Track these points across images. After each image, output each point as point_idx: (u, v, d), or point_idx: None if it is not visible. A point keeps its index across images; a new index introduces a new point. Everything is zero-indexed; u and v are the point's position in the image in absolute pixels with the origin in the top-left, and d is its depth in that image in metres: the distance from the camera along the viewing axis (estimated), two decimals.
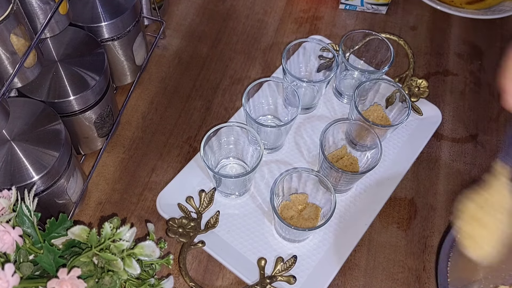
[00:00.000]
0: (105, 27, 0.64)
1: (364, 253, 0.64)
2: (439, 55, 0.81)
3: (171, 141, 0.71)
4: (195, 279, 0.61)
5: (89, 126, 0.64)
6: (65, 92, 0.58)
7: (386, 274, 0.62)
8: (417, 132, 0.72)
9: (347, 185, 0.65)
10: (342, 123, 0.66)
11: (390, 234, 0.65)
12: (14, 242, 0.44)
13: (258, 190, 0.67)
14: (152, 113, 0.73)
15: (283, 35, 0.83)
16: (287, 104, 0.69)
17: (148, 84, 0.76)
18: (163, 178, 0.68)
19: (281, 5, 0.86)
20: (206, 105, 0.75)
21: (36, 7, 0.51)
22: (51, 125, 0.55)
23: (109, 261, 0.44)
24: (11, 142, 0.53)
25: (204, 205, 0.64)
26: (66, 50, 0.61)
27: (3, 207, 0.46)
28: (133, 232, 0.45)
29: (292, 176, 0.62)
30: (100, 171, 0.68)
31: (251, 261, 0.61)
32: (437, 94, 0.77)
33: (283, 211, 0.62)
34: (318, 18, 0.85)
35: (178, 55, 0.79)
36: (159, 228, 0.64)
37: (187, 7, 0.85)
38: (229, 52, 0.80)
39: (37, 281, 0.44)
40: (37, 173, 0.52)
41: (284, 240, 0.63)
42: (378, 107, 0.71)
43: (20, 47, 0.48)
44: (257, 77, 0.77)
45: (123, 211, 0.65)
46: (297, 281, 0.59)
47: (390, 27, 0.84)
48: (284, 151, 0.70)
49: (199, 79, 0.77)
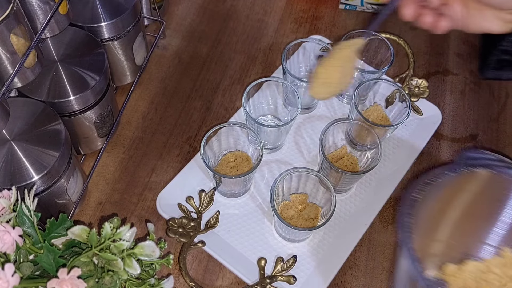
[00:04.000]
0: (105, 27, 0.64)
1: (364, 253, 0.64)
2: (439, 55, 0.81)
3: (171, 141, 0.71)
4: (195, 279, 0.61)
5: (89, 126, 0.64)
6: (65, 92, 0.58)
7: (386, 274, 0.62)
8: (417, 132, 0.72)
9: (347, 185, 0.65)
10: (342, 123, 0.66)
11: (390, 234, 0.65)
12: (14, 242, 0.44)
13: (258, 190, 0.67)
14: (152, 113, 0.73)
15: (283, 35, 0.83)
16: (287, 104, 0.69)
17: (148, 84, 0.76)
18: (163, 178, 0.68)
19: (281, 5, 0.86)
20: (206, 105, 0.75)
21: (36, 7, 0.51)
22: (51, 125, 0.55)
23: (109, 261, 0.44)
24: (11, 142, 0.53)
25: (204, 205, 0.64)
26: (66, 50, 0.61)
27: (3, 207, 0.46)
28: (133, 232, 0.45)
29: (292, 176, 0.62)
30: (100, 171, 0.68)
31: (251, 261, 0.61)
32: (437, 94, 0.77)
33: (283, 211, 0.62)
34: (318, 18, 0.85)
35: (178, 55, 0.79)
36: (159, 228, 0.64)
37: (187, 7, 0.85)
38: (229, 52, 0.80)
39: (37, 281, 0.44)
40: (37, 173, 0.52)
41: (284, 240, 0.63)
42: (378, 107, 0.71)
43: (20, 47, 0.48)
44: (257, 77, 0.77)
45: (123, 211, 0.65)
46: (297, 281, 0.59)
47: (390, 27, 0.84)
48: (284, 151, 0.70)
49: (199, 79, 0.77)
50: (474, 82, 0.79)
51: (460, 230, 0.58)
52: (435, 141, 0.73)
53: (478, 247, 0.58)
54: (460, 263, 0.58)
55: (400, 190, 0.68)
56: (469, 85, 0.78)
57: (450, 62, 0.81)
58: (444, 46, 0.82)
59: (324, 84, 0.58)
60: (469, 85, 0.78)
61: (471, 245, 0.59)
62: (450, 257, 0.58)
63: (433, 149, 0.72)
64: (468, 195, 0.57)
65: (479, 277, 0.56)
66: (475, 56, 0.81)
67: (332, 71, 0.57)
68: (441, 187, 0.55)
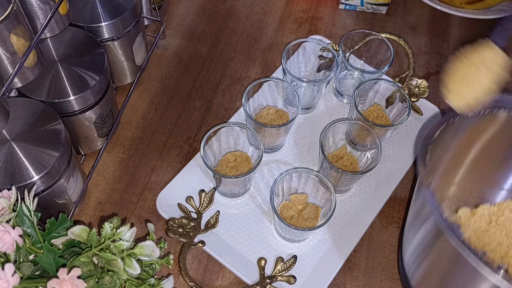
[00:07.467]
0: (105, 27, 0.64)
1: (364, 253, 0.64)
2: (439, 55, 0.81)
3: (171, 141, 0.71)
4: (195, 279, 0.61)
5: (89, 126, 0.64)
6: (65, 92, 0.58)
7: (386, 274, 0.62)
8: (417, 132, 0.72)
9: (347, 185, 0.65)
10: (342, 123, 0.66)
11: (390, 234, 0.65)
12: (14, 242, 0.44)
13: (258, 190, 0.67)
14: (152, 113, 0.73)
15: (282, 35, 0.83)
16: (287, 104, 0.69)
17: (148, 84, 0.76)
18: (163, 178, 0.68)
19: (280, 5, 0.86)
20: (206, 105, 0.75)
21: (36, 7, 0.51)
22: (51, 125, 0.55)
23: (109, 261, 0.44)
24: (11, 142, 0.53)
25: (204, 205, 0.64)
26: (66, 50, 0.61)
27: (3, 207, 0.46)
28: (133, 232, 0.45)
29: (292, 176, 0.62)
30: (100, 171, 0.68)
31: (251, 261, 0.61)
32: (437, 94, 0.77)
33: (283, 211, 0.62)
34: (318, 18, 0.85)
35: (178, 55, 0.79)
36: (159, 228, 0.64)
37: (187, 7, 0.85)
38: (229, 52, 0.80)
39: (37, 281, 0.44)
40: (37, 173, 0.52)
41: (284, 240, 0.63)
42: (378, 107, 0.71)
43: (20, 47, 0.48)
44: (257, 77, 0.77)
45: (123, 211, 0.65)
46: (297, 281, 0.59)
47: (390, 27, 0.84)
48: (284, 151, 0.70)
49: (199, 79, 0.77)
50: None
51: (477, 174, 0.57)
52: None
53: (493, 191, 0.58)
54: (474, 207, 0.58)
55: (400, 190, 0.68)
56: None
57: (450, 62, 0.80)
58: (444, 46, 0.82)
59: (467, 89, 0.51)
60: None
61: (486, 190, 0.58)
62: (465, 201, 0.58)
63: None
64: (487, 138, 0.55)
65: (490, 219, 0.56)
66: None
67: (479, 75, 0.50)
68: (461, 128, 0.52)
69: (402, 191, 0.68)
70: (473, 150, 0.56)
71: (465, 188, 0.58)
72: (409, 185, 0.69)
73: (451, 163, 0.57)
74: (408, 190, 0.68)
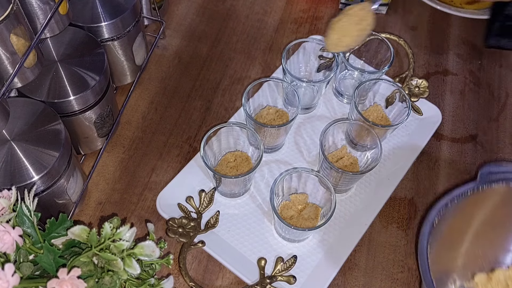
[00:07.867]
0: (105, 27, 0.64)
1: (364, 253, 0.64)
2: (439, 55, 0.81)
3: (171, 141, 0.71)
4: (195, 279, 0.61)
5: (89, 126, 0.64)
6: (65, 92, 0.58)
7: (386, 274, 0.62)
8: (417, 132, 0.72)
9: (347, 185, 0.65)
10: (342, 123, 0.66)
11: (390, 234, 0.65)
12: (14, 242, 0.44)
13: (258, 190, 0.67)
14: (152, 113, 0.73)
15: (283, 35, 0.83)
16: (287, 104, 0.69)
17: (148, 84, 0.76)
18: (163, 178, 0.68)
19: (281, 5, 0.86)
20: (206, 105, 0.75)
21: (36, 7, 0.51)
22: (51, 125, 0.55)
23: (109, 261, 0.44)
24: (11, 142, 0.53)
25: (204, 205, 0.64)
26: (66, 50, 0.61)
27: (3, 207, 0.46)
28: (133, 232, 0.45)
29: (292, 176, 0.62)
30: (100, 171, 0.68)
31: (251, 261, 0.61)
32: (437, 94, 0.77)
33: (283, 211, 0.62)
34: (318, 18, 0.85)
35: (178, 55, 0.79)
36: (159, 228, 0.64)
37: (187, 7, 0.85)
38: (229, 52, 0.80)
39: (37, 281, 0.44)
40: (37, 173, 0.52)
41: (284, 240, 0.63)
42: (378, 107, 0.71)
43: (20, 47, 0.48)
44: (257, 77, 0.77)
45: (123, 211, 0.65)
46: (297, 281, 0.59)
47: (390, 27, 0.84)
48: (284, 151, 0.70)
49: (199, 79, 0.77)
50: (474, 82, 0.79)
51: (485, 240, 0.61)
52: (435, 141, 0.73)
53: (506, 255, 0.61)
54: (491, 271, 0.60)
55: (400, 190, 0.68)
56: (469, 85, 0.78)
57: (450, 62, 0.81)
58: (444, 46, 0.82)
59: (340, 38, 0.64)
60: (469, 85, 0.78)
61: (500, 254, 0.61)
62: (480, 265, 0.60)
63: (433, 149, 0.72)
64: (488, 209, 0.60)
65: (507, 284, 0.59)
66: (475, 56, 0.81)
67: (349, 25, 0.63)
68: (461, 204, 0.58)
69: (402, 191, 0.68)
70: (478, 220, 0.60)
71: (478, 254, 0.61)
72: (409, 185, 0.69)
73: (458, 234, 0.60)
74: (408, 190, 0.68)
